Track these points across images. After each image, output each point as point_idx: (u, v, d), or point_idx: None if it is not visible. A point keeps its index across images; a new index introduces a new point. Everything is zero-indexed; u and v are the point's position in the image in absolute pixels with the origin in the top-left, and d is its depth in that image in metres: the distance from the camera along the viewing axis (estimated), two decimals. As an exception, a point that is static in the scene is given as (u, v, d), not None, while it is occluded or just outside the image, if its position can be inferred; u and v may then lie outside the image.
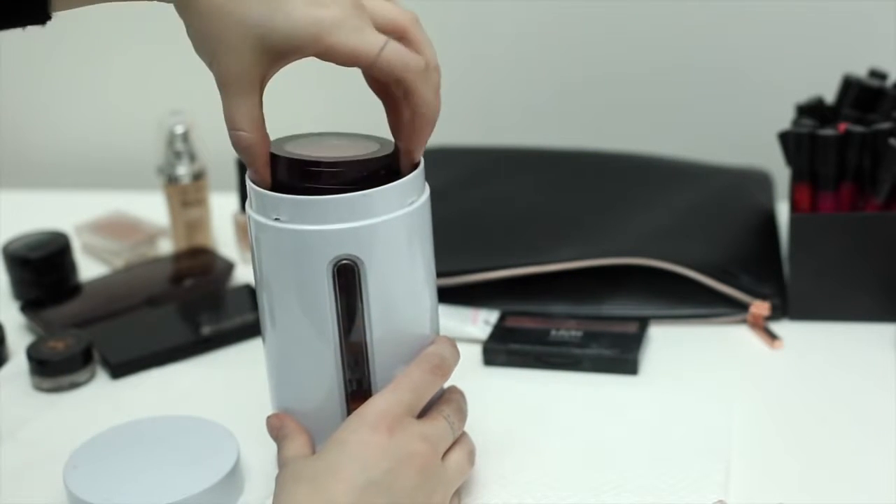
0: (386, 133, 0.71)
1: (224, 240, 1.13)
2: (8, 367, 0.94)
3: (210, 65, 0.66)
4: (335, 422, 0.70)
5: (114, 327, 0.97)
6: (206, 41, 0.65)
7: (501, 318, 0.94)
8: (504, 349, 0.90)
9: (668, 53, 1.23)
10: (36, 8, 0.66)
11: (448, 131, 1.24)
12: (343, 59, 0.65)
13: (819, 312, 0.93)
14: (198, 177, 1.09)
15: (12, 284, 1.05)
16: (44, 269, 1.03)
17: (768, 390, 0.86)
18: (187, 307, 1.00)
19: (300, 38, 0.64)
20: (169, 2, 0.66)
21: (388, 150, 0.69)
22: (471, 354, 0.90)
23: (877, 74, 0.99)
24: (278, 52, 0.64)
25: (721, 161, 1.15)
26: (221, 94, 0.66)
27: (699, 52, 1.22)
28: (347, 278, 0.68)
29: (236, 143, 0.66)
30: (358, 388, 0.71)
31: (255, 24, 0.64)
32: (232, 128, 0.66)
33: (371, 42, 0.64)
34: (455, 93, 1.28)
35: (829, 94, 1.01)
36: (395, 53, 0.65)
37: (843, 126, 0.92)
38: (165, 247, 1.13)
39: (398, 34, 0.67)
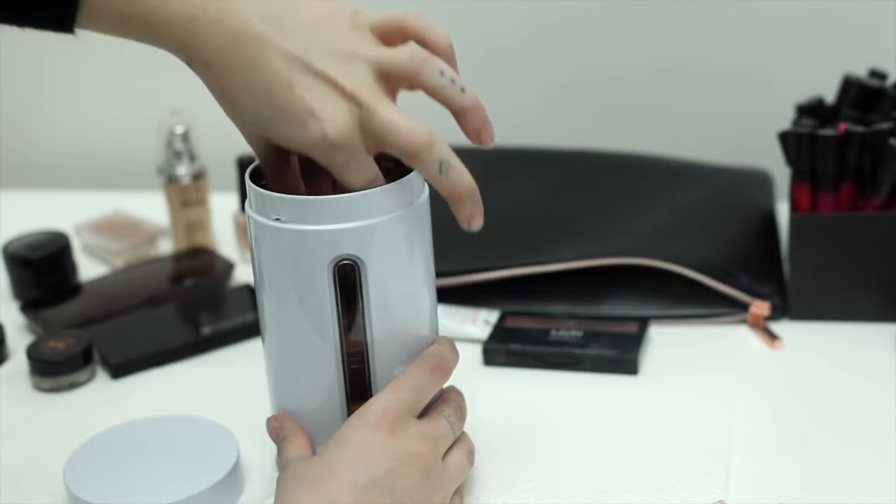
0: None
1: (224, 240, 1.13)
2: (8, 367, 0.94)
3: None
4: (335, 422, 0.70)
5: (114, 327, 0.97)
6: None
7: (501, 318, 0.94)
8: (504, 349, 0.90)
9: (668, 54, 1.23)
10: (62, 17, 0.66)
11: (448, 131, 1.24)
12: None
13: (819, 312, 0.93)
14: (198, 177, 1.09)
15: (12, 284, 1.05)
16: (44, 269, 1.03)
17: (768, 390, 0.86)
18: (187, 307, 1.00)
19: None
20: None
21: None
22: (471, 354, 0.90)
23: (877, 74, 0.99)
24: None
25: (721, 161, 1.15)
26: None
27: (699, 53, 1.22)
28: (347, 278, 0.68)
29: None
30: (358, 389, 0.71)
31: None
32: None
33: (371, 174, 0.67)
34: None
35: (829, 94, 1.01)
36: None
37: (843, 126, 0.92)
38: (165, 247, 1.13)
39: (409, 37, 0.68)
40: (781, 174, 1.04)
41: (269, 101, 0.64)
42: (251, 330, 0.94)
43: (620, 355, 0.88)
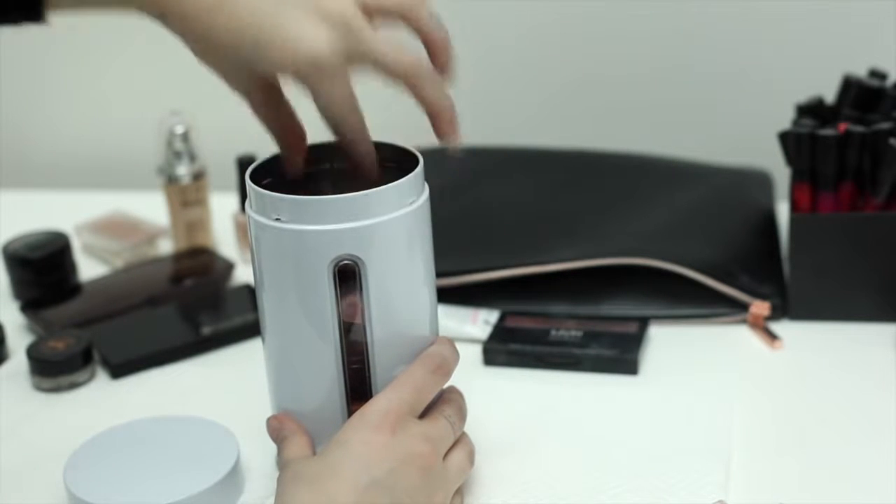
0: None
1: (224, 240, 1.13)
2: (8, 366, 0.94)
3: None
4: (335, 422, 0.70)
5: (114, 327, 0.97)
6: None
7: (501, 318, 0.94)
8: (504, 349, 0.90)
9: (668, 54, 1.23)
10: (29, 6, 0.66)
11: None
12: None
13: (819, 312, 0.93)
14: (198, 177, 1.09)
15: (12, 284, 1.05)
16: (44, 269, 1.03)
17: (768, 390, 0.86)
18: (187, 307, 1.00)
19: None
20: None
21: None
22: (471, 354, 0.90)
23: (877, 74, 0.99)
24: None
25: (721, 161, 1.15)
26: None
27: (699, 53, 1.22)
28: (347, 278, 0.68)
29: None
30: (358, 389, 0.71)
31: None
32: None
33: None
34: (455, 93, 1.29)
35: (829, 94, 1.01)
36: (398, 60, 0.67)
37: (843, 126, 0.92)
38: (165, 247, 1.13)
39: (405, 20, 0.69)
40: (781, 174, 1.04)
41: (255, 34, 0.65)
42: (251, 330, 0.94)
43: (620, 355, 0.88)
